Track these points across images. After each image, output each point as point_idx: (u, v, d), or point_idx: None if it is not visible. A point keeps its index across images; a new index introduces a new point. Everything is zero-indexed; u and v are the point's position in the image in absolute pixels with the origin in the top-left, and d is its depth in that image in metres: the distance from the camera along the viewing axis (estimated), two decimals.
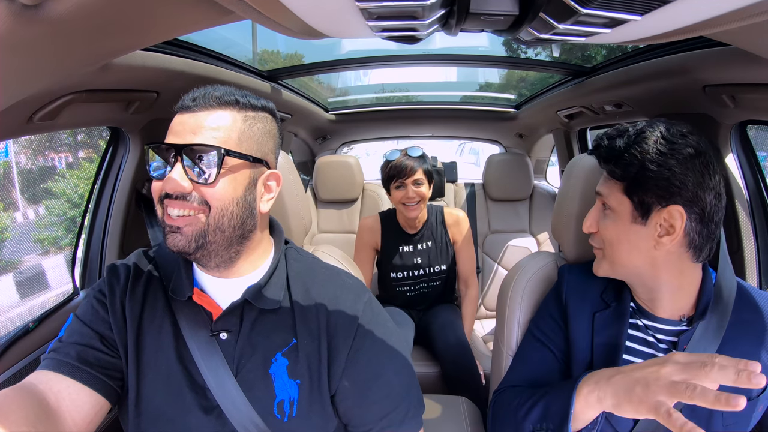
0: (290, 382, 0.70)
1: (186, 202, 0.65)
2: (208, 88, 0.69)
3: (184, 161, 0.64)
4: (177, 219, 0.65)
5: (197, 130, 0.66)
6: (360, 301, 0.75)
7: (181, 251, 0.66)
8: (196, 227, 0.65)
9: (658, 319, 0.83)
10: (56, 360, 0.67)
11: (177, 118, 0.69)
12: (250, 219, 0.70)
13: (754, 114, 1.05)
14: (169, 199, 0.65)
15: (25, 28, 0.45)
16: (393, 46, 1.49)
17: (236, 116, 0.69)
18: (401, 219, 1.88)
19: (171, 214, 0.65)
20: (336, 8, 0.50)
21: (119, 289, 0.74)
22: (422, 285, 1.92)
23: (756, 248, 1.15)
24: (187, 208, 0.65)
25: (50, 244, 2.76)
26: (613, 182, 0.80)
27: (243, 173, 0.68)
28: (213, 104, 0.67)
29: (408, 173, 1.72)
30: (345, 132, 2.84)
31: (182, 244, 0.65)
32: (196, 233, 0.65)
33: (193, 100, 0.68)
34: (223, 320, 0.72)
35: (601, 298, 0.88)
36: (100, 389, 0.68)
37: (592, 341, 0.85)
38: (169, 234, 0.66)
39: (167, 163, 0.66)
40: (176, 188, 0.64)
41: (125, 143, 1.22)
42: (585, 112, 1.79)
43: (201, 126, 0.66)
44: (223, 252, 0.69)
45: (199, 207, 0.65)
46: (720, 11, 0.45)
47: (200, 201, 0.65)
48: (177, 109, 0.69)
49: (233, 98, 0.69)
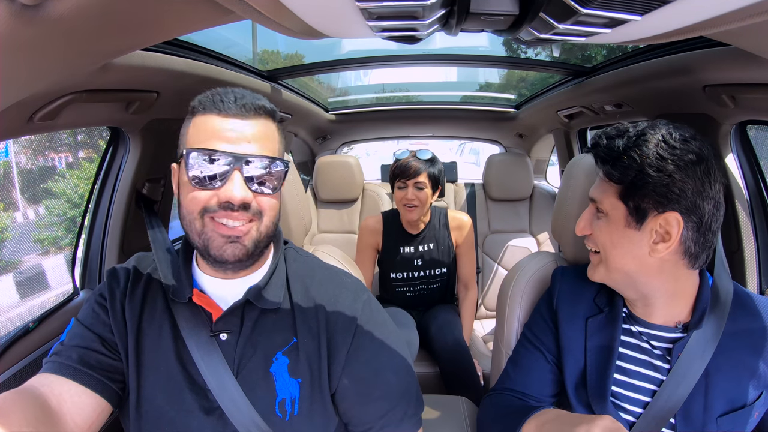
0: (291, 380, 0.71)
1: (245, 212, 0.65)
2: (244, 93, 0.68)
3: (244, 171, 0.64)
4: (236, 229, 0.66)
5: (253, 140, 0.66)
6: (359, 301, 0.76)
7: (239, 260, 0.67)
8: (252, 235, 0.67)
9: (652, 325, 0.81)
10: (58, 363, 0.68)
11: (221, 121, 0.66)
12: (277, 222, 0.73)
13: (754, 114, 1.05)
14: (228, 210, 0.64)
15: (25, 28, 0.45)
16: (393, 46, 1.49)
17: (274, 127, 0.71)
18: (404, 219, 1.87)
19: (229, 224, 0.65)
20: (336, 8, 0.50)
21: (119, 292, 0.74)
22: (422, 286, 1.92)
23: (756, 248, 1.15)
24: (244, 218, 0.66)
25: (50, 244, 2.77)
26: (608, 185, 0.78)
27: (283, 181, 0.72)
28: (260, 113, 0.68)
29: (411, 174, 1.72)
30: (345, 132, 2.84)
31: (242, 253, 0.67)
32: (253, 241, 0.67)
33: (242, 106, 0.66)
34: (223, 320, 0.72)
35: (594, 302, 0.88)
36: (101, 392, 0.68)
37: (585, 346, 0.85)
38: (227, 245, 0.66)
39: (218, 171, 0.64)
40: (245, 198, 0.64)
41: (125, 143, 1.22)
42: (585, 112, 1.79)
43: (256, 136, 0.66)
44: (259, 255, 0.71)
45: (254, 216, 0.67)
46: (720, 11, 0.45)
47: (256, 211, 0.67)
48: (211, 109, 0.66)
49: (271, 107, 0.70)
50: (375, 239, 1.90)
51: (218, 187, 0.64)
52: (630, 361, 0.82)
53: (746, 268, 1.15)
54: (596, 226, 0.81)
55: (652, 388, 0.80)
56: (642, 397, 0.80)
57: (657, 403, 0.78)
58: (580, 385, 0.84)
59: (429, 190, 1.75)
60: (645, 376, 0.81)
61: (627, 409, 0.81)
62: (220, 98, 0.66)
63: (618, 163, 0.75)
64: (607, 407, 0.80)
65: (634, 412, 0.80)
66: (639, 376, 0.81)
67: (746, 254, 1.15)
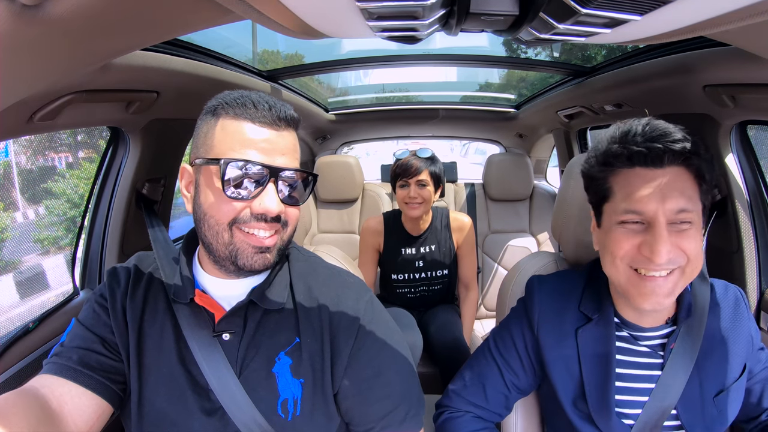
0: (294, 381, 0.71)
1: (276, 224, 0.67)
2: (275, 102, 0.68)
3: (283, 184, 0.66)
4: (267, 239, 0.67)
5: (286, 152, 0.67)
6: (361, 301, 0.76)
7: (266, 269, 0.69)
8: (278, 245, 0.69)
9: (645, 328, 0.82)
10: (58, 364, 0.68)
11: (256, 131, 0.65)
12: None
13: (754, 114, 1.05)
14: (261, 221, 0.65)
15: (25, 28, 0.45)
16: (393, 46, 1.49)
17: (295, 135, 0.71)
18: (406, 220, 1.87)
19: (260, 235, 0.66)
20: (336, 8, 0.50)
21: (120, 293, 0.74)
22: (423, 288, 1.92)
23: (756, 248, 1.15)
24: (274, 229, 0.67)
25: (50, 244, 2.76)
26: (693, 188, 0.69)
27: None
28: (290, 124, 0.69)
29: (413, 173, 1.72)
30: (345, 132, 2.84)
31: (270, 263, 0.68)
32: (278, 251, 0.69)
33: (279, 117, 0.66)
34: (226, 321, 0.72)
35: (580, 311, 0.84)
36: (102, 393, 0.68)
37: (579, 358, 0.82)
38: (257, 255, 0.66)
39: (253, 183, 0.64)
40: (280, 211, 0.66)
41: (125, 143, 1.22)
42: (585, 112, 1.79)
43: (289, 148, 0.68)
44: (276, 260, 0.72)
45: (280, 227, 0.68)
46: (720, 11, 0.45)
47: (283, 221, 0.68)
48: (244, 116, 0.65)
49: (298, 117, 0.70)
50: (376, 240, 1.90)
51: (250, 199, 0.64)
52: (626, 365, 0.82)
53: (746, 268, 1.15)
54: (683, 241, 0.68)
55: (650, 387, 0.80)
56: (641, 398, 0.80)
57: (656, 396, 0.79)
58: (579, 398, 0.82)
59: (431, 188, 1.76)
60: (642, 376, 0.81)
61: (628, 413, 0.81)
62: (252, 104, 0.65)
63: (703, 157, 0.69)
64: (611, 419, 0.79)
65: (635, 414, 0.80)
66: (636, 379, 0.81)
67: (746, 254, 1.15)
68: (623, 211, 0.70)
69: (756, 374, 0.86)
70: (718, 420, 0.79)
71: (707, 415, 0.79)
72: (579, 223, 0.99)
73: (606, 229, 0.75)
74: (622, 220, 0.71)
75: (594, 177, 0.77)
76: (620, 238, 0.71)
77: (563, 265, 1.06)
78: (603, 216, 0.77)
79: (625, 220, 0.71)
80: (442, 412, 0.93)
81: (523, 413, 0.98)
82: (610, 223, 0.74)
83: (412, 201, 1.74)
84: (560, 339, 0.84)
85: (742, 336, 0.83)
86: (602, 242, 0.77)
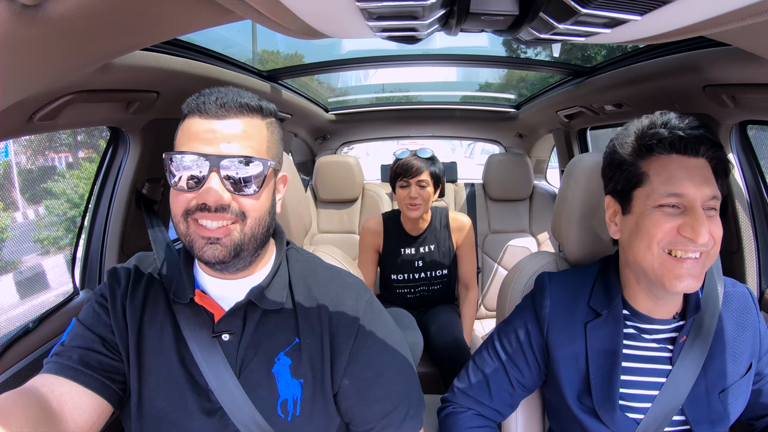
0: (293, 381, 0.71)
1: (225, 213, 0.64)
2: (228, 92, 0.67)
3: (225, 172, 0.63)
4: (215, 230, 0.65)
5: (231, 139, 0.65)
6: (361, 301, 0.76)
7: (219, 261, 0.66)
8: (233, 237, 0.65)
9: (655, 320, 0.83)
10: (59, 363, 0.68)
11: (201, 123, 0.65)
12: (272, 223, 0.73)
13: (754, 114, 1.05)
14: (205, 211, 0.64)
15: (25, 28, 0.45)
16: (393, 46, 1.49)
17: (262, 123, 0.69)
18: (405, 221, 1.87)
19: (207, 225, 0.64)
20: (336, 8, 0.50)
21: (120, 293, 0.74)
22: (423, 288, 1.92)
23: (756, 248, 1.15)
24: (224, 219, 0.64)
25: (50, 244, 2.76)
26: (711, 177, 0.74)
27: (271, 180, 0.70)
28: (242, 111, 0.66)
29: (414, 173, 1.72)
30: (345, 132, 2.84)
31: (222, 254, 0.65)
32: (234, 243, 0.66)
33: (221, 106, 0.65)
34: (225, 321, 0.72)
35: (590, 306, 0.85)
36: (102, 392, 0.68)
37: (586, 353, 0.83)
38: (207, 246, 0.65)
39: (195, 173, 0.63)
40: (219, 200, 0.63)
41: (125, 143, 1.22)
42: (585, 112, 1.79)
43: (235, 135, 0.65)
44: (251, 257, 0.70)
45: (236, 218, 0.65)
46: (720, 11, 0.45)
47: (238, 212, 0.65)
48: (194, 111, 0.66)
49: (257, 104, 0.68)
50: (376, 241, 1.90)
51: (197, 189, 0.64)
52: (633, 359, 0.83)
53: (746, 268, 1.15)
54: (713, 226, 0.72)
55: (660, 381, 0.81)
56: (650, 392, 0.81)
57: (667, 391, 0.79)
58: (584, 392, 0.83)
59: (431, 188, 1.76)
60: (649, 370, 0.82)
61: (634, 407, 0.81)
62: (202, 100, 0.66)
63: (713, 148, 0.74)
64: (615, 413, 0.79)
65: (642, 408, 0.81)
66: (643, 372, 0.82)
67: (746, 254, 1.15)
68: (664, 194, 0.72)
69: (766, 375, 0.87)
70: (723, 416, 0.80)
71: (713, 411, 0.80)
72: (579, 223, 0.99)
73: (639, 214, 0.76)
74: (661, 204, 0.73)
75: (624, 163, 0.78)
76: (660, 220, 0.73)
77: (563, 265, 1.06)
78: (633, 202, 0.77)
79: (665, 203, 0.73)
80: (446, 406, 0.94)
81: (524, 411, 0.99)
82: (645, 207, 0.75)
83: (412, 201, 1.74)
84: (570, 334, 0.85)
85: (749, 334, 0.84)
86: (635, 227, 0.76)
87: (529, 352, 0.88)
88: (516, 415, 0.98)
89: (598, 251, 0.99)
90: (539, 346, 0.88)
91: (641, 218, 0.75)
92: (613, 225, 0.83)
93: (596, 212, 0.97)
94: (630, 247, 0.78)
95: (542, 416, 1.01)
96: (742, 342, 0.83)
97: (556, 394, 0.87)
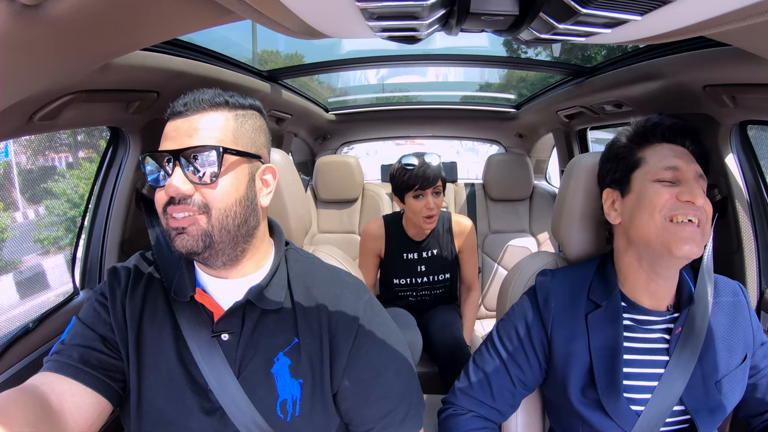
0: (293, 381, 0.71)
1: (187, 205, 0.65)
2: (196, 92, 0.70)
3: (183, 165, 0.65)
4: (181, 220, 0.66)
5: (193, 133, 0.67)
6: (361, 301, 0.75)
7: (190, 252, 0.66)
8: (200, 226, 0.66)
9: (650, 311, 0.85)
10: (59, 362, 0.68)
11: (170, 124, 0.69)
12: (253, 216, 0.71)
13: (754, 114, 1.04)
14: (172, 204, 0.66)
15: (25, 28, 0.45)
16: (393, 46, 1.49)
17: (228, 116, 0.70)
18: (408, 226, 1.84)
19: (176, 216, 0.66)
20: (336, 8, 0.50)
21: (120, 292, 0.74)
22: (425, 292, 1.91)
23: (756, 248, 1.14)
24: (189, 210, 0.66)
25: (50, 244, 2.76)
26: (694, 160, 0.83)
27: (242, 170, 0.69)
28: (205, 107, 0.69)
29: (431, 183, 1.64)
30: (345, 132, 2.84)
31: (190, 244, 0.66)
32: (201, 233, 0.66)
33: (185, 105, 0.69)
34: (224, 321, 0.72)
35: (589, 299, 0.88)
36: (102, 391, 0.68)
37: (589, 345, 0.85)
38: (177, 236, 0.66)
39: (164, 169, 0.67)
40: (178, 192, 0.64)
41: (125, 143, 1.22)
42: (585, 112, 1.79)
43: (196, 129, 0.67)
44: (230, 250, 0.70)
45: (201, 209, 0.66)
46: (720, 11, 0.45)
47: (200, 204, 0.66)
48: (168, 116, 0.70)
49: (223, 99, 0.70)
50: (377, 245, 1.87)
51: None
52: (633, 352, 0.84)
53: (746, 268, 1.15)
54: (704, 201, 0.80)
55: (658, 372, 0.83)
56: (650, 383, 0.82)
57: (666, 381, 0.81)
58: (587, 385, 0.84)
59: (443, 194, 1.72)
60: (649, 362, 0.83)
61: (635, 399, 0.82)
62: (181, 102, 0.69)
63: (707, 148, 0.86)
64: (620, 402, 0.81)
65: (643, 399, 0.82)
66: (644, 364, 0.83)
67: (746, 254, 1.14)
68: (661, 168, 0.81)
69: (761, 369, 0.88)
70: (720, 405, 0.82)
71: (711, 399, 0.82)
72: (579, 223, 0.99)
73: (639, 191, 0.83)
74: (659, 178, 0.81)
75: (622, 152, 0.87)
76: (660, 190, 0.80)
77: (563, 264, 1.06)
78: (632, 183, 0.84)
79: (662, 177, 0.80)
80: (447, 408, 0.94)
81: (524, 412, 0.99)
82: (644, 183, 0.82)
83: (431, 213, 1.66)
84: (572, 329, 0.86)
85: (741, 326, 0.87)
86: (635, 203, 0.83)
87: (530, 349, 0.89)
88: (516, 416, 0.98)
89: (597, 251, 0.99)
90: (541, 343, 0.88)
91: (642, 193, 0.82)
92: (613, 212, 0.88)
93: (596, 212, 0.97)
94: (632, 223, 0.83)
95: (542, 417, 1.01)
96: (735, 334, 0.86)
97: (558, 392, 0.88)
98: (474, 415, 0.91)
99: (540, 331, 0.88)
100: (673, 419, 0.83)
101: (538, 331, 0.88)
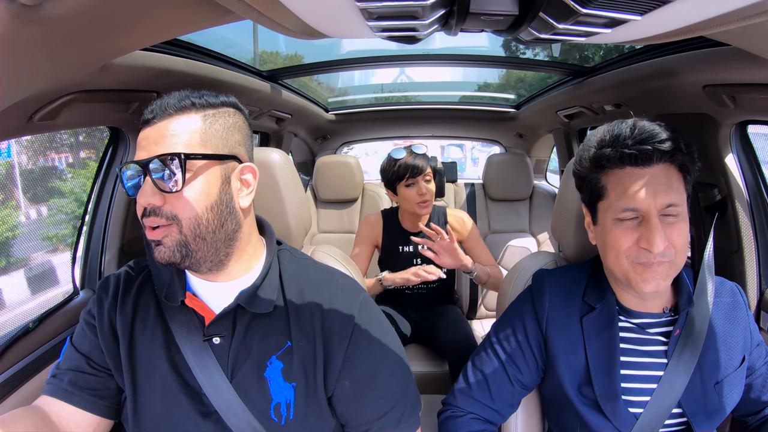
0: (285, 385, 0.70)
1: (157, 217, 0.64)
2: (164, 97, 0.69)
3: (152, 175, 0.63)
4: (154, 232, 0.65)
5: (160, 141, 0.65)
6: (355, 302, 0.75)
7: (169, 263, 0.66)
8: (174, 238, 0.65)
9: (646, 314, 0.85)
10: (53, 386, 0.73)
11: (141, 133, 0.68)
12: (230, 219, 0.69)
13: (754, 114, 1.04)
14: (145, 216, 0.65)
15: (25, 28, 0.45)
16: (393, 46, 1.49)
17: (195, 118, 0.67)
18: (404, 219, 1.87)
19: (150, 227, 0.66)
20: (336, 8, 0.50)
21: (108, 304, 0.75)
22: (420, 285, 1.91)
23: (756, 248, 1.14)
24: (160, 222, 0.65)
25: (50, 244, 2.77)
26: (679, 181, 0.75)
27: (213, 174, 0.67)
28: (170, 112, 0.67)
29: (420, 170, 1.72)
30: (345, 132, 2.84)
31: (168, 255, 0.65)
32: (175, 243, 0.65)
33: (151, 112, 0.67)
34: (215, 325, 0.71)
35: (584, 301, 0.87)
36: (94, 410, 0.72)
37: (584, 346, 0.84)
38: (155, 248, 0.66)
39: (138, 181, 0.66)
40: (148, 203, 0.64)
41: (125, 143, 1.22)
42: (585, 112, 1.79)
43: (163, 136, 0.66)
44: (212, 257, 0.68)
45: (168, 220, 0.65)
46: (720, 11, 0.45)
47: (169, 215, 0.64)
48: (140, 124, 0.69)
49: (189, 101, 0.68)
50: (374, 233, 1.90)
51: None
52: (631, 354, 0.84)
53: (746, 268, 1.15)
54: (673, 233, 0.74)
55: (657, 375, 0.82)
56: (648, 385, 0.82)
57: (665, 384, 0.80)
58: (585, 384, 0.84)
59: (433, 183, 1.77)
60: (648, 364, 0.83)
61: (633, 401, 0.82)
62: (149, 110, 0.68)
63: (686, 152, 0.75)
64: (618, 404, 0.81)
65: (641, 402, 0.82)
66: (642, 367, 0.83)
67: (746, 254, 1.14)
68: (621, 209, 0.76)
69: (757, 369, 0.88)
70: (718, 408, 0.82)
71: (709, 403, 0.82)
72: (579, 223, 0.99)
73: (603, 227, 0.80)
74: (619, 218, 0.76)
75: (586, 177, 0.82)
76: (620, 235, 0.76)
77: (563, 264, 1.06)
78: (598, 213, 0.81)
79: (622, 217, 0.76)
80: (446, 410, 0.94)
81: (524, 413, 0.98)
82: (606, 220, 0.78)
83: (424, 198, 1.74)
84: (567, 328, 0.86)
85: (740, 328, 0.86)
86: (602, 239, 0.81)
87: (527, 349, 0.89)
88: (516, 417, 0.98)
89: (597, 251, 0.99)
90: (537, 342, 0.88)
91: (605, 232, 0.79)
92: (590, 232, 0.87)
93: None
94: (603, 255, 0.82)
95: (542, 418, 1.01)
96: (734, 335, 0.85)
97: (556, 390, 0.88)
98: (473, 417, 0.91)
99: (536, 331, 0.88)
100: (671, 422, 0.82)
101: (534, 331, 0.88)
